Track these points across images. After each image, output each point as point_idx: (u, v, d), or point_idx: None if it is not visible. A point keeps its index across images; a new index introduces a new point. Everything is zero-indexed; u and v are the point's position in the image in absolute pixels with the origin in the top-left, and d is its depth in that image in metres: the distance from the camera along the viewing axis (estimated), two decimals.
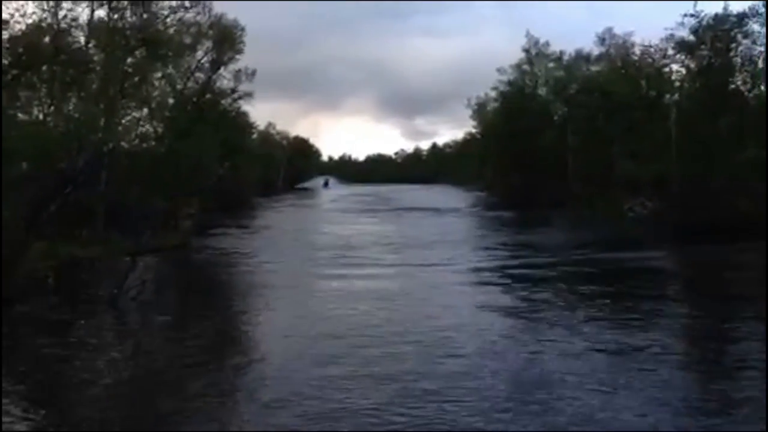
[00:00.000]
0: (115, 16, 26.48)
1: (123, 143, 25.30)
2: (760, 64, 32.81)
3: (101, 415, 8.48)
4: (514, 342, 11.54)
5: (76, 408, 8.78)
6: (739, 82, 33.73)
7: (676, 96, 37.95)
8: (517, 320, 13.17)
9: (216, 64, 35.39)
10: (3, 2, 20.64)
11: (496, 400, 8.52)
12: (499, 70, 55.35)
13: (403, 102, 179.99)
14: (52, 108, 24.14)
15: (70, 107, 24.20)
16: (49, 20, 23.88)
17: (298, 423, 7.82)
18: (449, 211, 44.68)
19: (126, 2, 26.67)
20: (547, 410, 8.15)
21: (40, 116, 23.99)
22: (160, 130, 29.80)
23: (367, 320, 13.10)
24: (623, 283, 17.78)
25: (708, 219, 25.97)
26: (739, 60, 33.44)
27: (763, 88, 33.09)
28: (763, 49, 32.20)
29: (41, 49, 22.12)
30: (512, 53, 63.47)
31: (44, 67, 23.13)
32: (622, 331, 11.89)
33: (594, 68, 49.27)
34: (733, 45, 33.11)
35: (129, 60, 26.99)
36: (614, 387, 8.92)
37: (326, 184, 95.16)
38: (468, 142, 78.37)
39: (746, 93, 33.67)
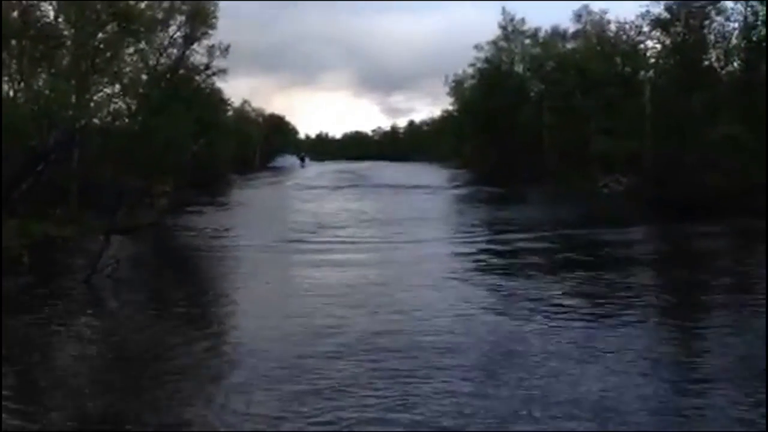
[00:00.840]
0: None
1: (95, 120, 24.93)
2: (734, 40, 33.17)
3: (73, 396, 8.41)
4: (486, 322, 11.61)
5: (50, 389, 8.69)
6: (712, 59, 34.08)
7: (651, 73, 38.27)
8: (492, 303, 12.97)
9: (189, 40, 34.76)
10: None
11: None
12: (476, 47, 55.35)
13: (381, 78, 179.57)
14: (22, 84, 23.67)
15: (40, 83, 23.76)
16: None
17: (270, 404, 7.78)
18: (426, 189, 44.66)
19: None
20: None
21: (10, 93, 23.52)
22: (133, 106, 29.35)
23: (341, 299, 13.09)
24: (599, 267, 16.91)
25: (681, 195, 26.33)
26: (712, 37, 33.77)
27: (736, 65, 33.49)
28: (736, 25, 32.56)
29: (9, 24, 21.63)
30: (490, 30, 63.32)
31: (13, 42, 22.65)
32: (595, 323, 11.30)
33: (570, 45, 49.41)
34: (707, 22, 33.41)
35: (100, 35, 26.45)
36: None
37: (302, 161, 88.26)
38: (445, 119, 78.28)
39: (719, 70, 34.05)
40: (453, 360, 9.23)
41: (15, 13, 22.72)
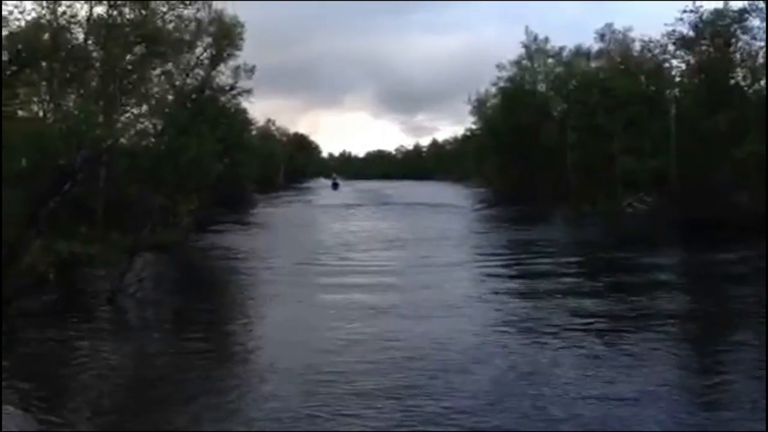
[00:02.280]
0: (114, 12, 26.43)
1: (122, 140, 25.26)
2: (760, 59, 32.82)
3: (94, 412, 8.51)
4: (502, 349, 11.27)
5: (72, 405, 8.78)
6: (738, 78, 33.75)
7: (676, 92, 37.97)
8: (515, 334, 12.23)
9: (215, 61, 35.25)
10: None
11: None
12: (499, 66, 55.35)
13: (404, 98, 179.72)
14: (52, 105, 24.13)
15: (70, 104, 24.20)
16: (47, 17, 23.89)
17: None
18: (450, 208, 44.61)
19: None
20: None
21: (40, 113, 24.00)
22: (159, 127, 29.70)
23: (361, 328, 12.78)
24: (623, 294, 16.05)
25: (707, 215, 25.96)
26: (738, 55, 33.47)
27: (763, 83, 33.08)
28: (762, 44, 32.22)
29: (40, 46, 22.08)
30: (512, 49, 63.30)
31: (43, 64, 23.12)
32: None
33: (593, 64, 49.22)
34: (733, 40, 33.14)
35: (128, 57, 26.95)
36: None
37: (335, 186, 79.52)
38: (468, 138, 78.24)
39: (746, 88, 33.68)
40: None
41: (46, 36, 23.22)
